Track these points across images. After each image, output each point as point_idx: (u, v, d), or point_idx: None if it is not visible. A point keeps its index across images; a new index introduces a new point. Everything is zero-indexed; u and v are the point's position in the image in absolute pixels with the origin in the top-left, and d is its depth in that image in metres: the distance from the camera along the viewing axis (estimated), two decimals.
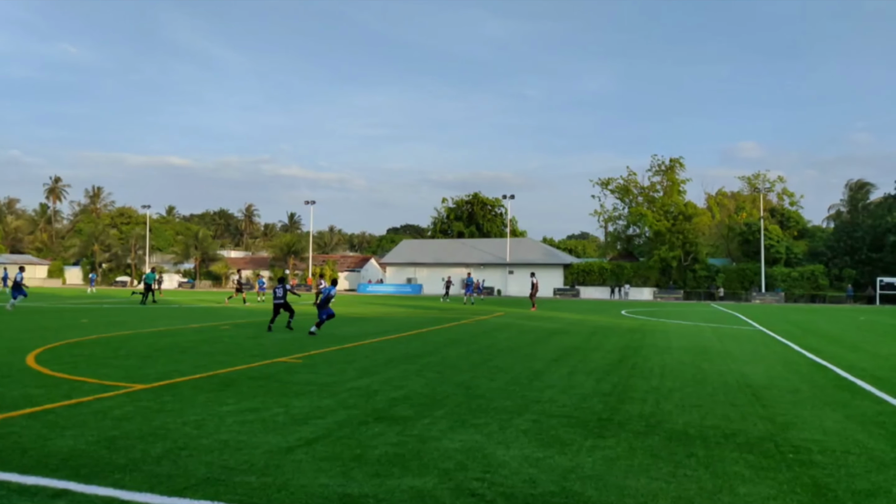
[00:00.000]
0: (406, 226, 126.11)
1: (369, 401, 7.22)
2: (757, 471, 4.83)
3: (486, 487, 4.31)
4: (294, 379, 8.63)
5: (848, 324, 24.20)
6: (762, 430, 6.15)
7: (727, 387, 8.69)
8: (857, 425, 6.44)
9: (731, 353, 12.81)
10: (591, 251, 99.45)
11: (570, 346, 13.58)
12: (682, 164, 66.55)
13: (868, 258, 61.27)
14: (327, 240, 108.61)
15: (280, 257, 77.71)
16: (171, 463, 4.73)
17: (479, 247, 73.30)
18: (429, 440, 5.52)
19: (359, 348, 12.57)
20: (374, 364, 10.30)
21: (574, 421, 6.40)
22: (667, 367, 10.63)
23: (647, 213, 64.89)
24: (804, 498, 4.24)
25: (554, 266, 67.04)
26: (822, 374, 10.10)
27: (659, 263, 62.31)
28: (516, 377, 9.19)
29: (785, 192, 74.11)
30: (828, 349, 13.95)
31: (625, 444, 5.52)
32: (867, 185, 76.58)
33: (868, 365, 11.26)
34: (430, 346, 13.15)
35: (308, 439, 5.46)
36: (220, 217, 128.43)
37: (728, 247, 70.22)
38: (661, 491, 4.33)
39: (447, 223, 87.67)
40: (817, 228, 75.73)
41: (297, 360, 10.64)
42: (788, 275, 60.37)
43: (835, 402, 7.74)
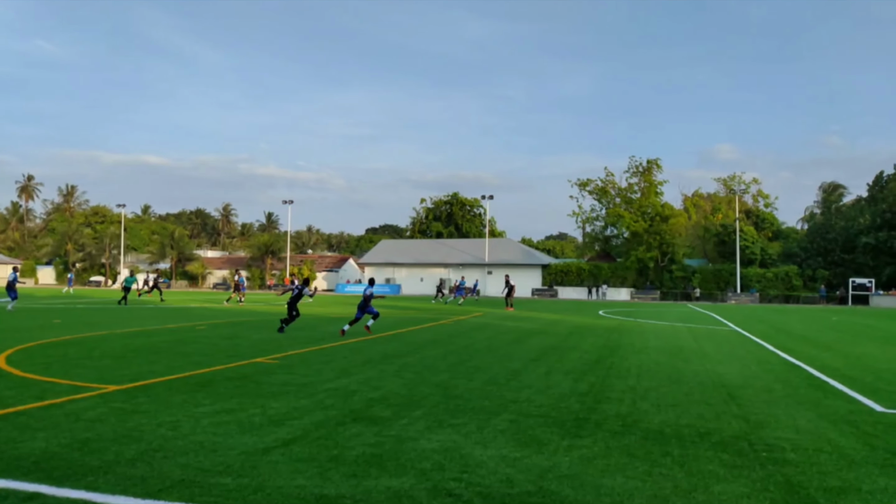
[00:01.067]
0: (385, 226, 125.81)
1: (347, 401, 7.19)
2: (731, 469, 4.89)
3: (463, 487, 4.31)
4: (271, 380, 8.55)
5: (821, 324, 24.66)
6: (736, 429, 6.24)
7: (702, 386, 8.80)
8: (828, 424, 6.56)
9: (706, 353, 12.97)
10: (570, 252, 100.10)
11: (547, 347, 13.65)
12: (660, 166, 67.29)
13: (840, 259, 62.54)
14: (305, 240, 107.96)
15: (258, 257, 76.98)
16: (146, 465, 4.65)
17: (458, 247, 73.39)
18: (406, 440, 5.50)
19: (337, 349, 12.50)
20: (351, 364, 10.25)
21: (551, 421, 6.43)
22: (643, 366, 10.73)
23: (625, 214, 65.51)
24: (777, 495, 4.31)
25: (532, 266, 67.37)
26: (795, 374, 10.28)
27: (636, 264, 62.94)
28: (494, 377, 9.21)
29: (760, 193, 75.38)
30: (801, 349, 14.20)
31: (601, 444, 5.55)
32: (840, 187, 78.32)
33: (840, 365, 11.48)
34: (409, 347, 13.12)
35: (285, 440, 5.42)
36: (196, 216, 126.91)
37: (704, 248, 71.19)
38: (636, 490, 4.36)
39: (426, 223, 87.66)
40: (791, 230, 77.13)
41: (273, 360, 10.55)
42: (763, 275, 61.37)
43: (807, 401, 7.88)
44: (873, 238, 60.33)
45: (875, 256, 60.31)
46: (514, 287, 33.36)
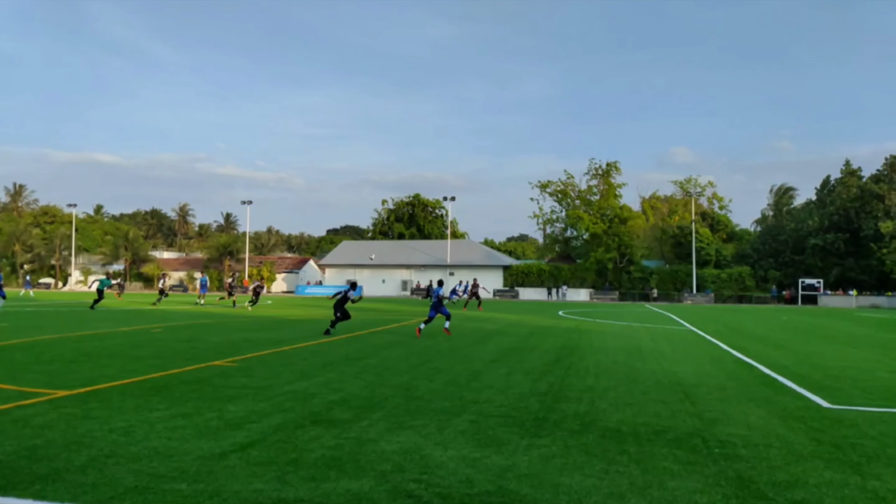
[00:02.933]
0: (346, 227, 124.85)
1: (306, 404, 7.11)
2: (685, 465, 5.01)
3: (422, 489, 4.31)
4: (229, 383, 8.39)
5: (772, 323, 25.47)
6: (691, 427, 6.39)
7: (659, 385, 8.99)
8: (778, 420, 6.78)
9: (663, 353, 13.26)
10: (531, 253, 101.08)
11: (508, 347, 13.76)
12: (619, 169, 68.60)
13: (791, 260, 64.73)
14: (265, 241, 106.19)
15: (216, 258, 75.58)
16: (97, 472, 4.52)
17: (420, 248, 73.36)
18: (366, 442, 5.48)
19: (296, 351, 12.36)
20: (311, 367, 10.14)
21: (511, 421, 6.48)
22: (602, 366, 10.91)
23: (584, 216, 66.52)
24: (728, 490, 4.44)
25: (494, 268, 67.81)
26: (747, 372, 10.58)
27: (595, 265, 63.98)
28: (455, 378, 9.24)
29: (715, 196, 77.46)
30: (753, 348, 14.64)
31: (560, 443, 5.63)
32: (790, 189, 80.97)
33: (790, 362, 11.87)
34: (370, 349, 13.06)
35: (242, 444, 5.33)
36: (152, 217, 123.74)
37: (661, 249, 72.78)
38: (593, 487, 4.43)
39: (388, 224, 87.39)
40: (745, 232, 79.42)
41: (232, 363, 10.37)
42: (718, 276, 63.07)
43: (759, 398, 8.12)
44: (821, 240, 62.63)
45: (823, 258, 62.62)
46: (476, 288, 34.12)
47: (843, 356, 13.24)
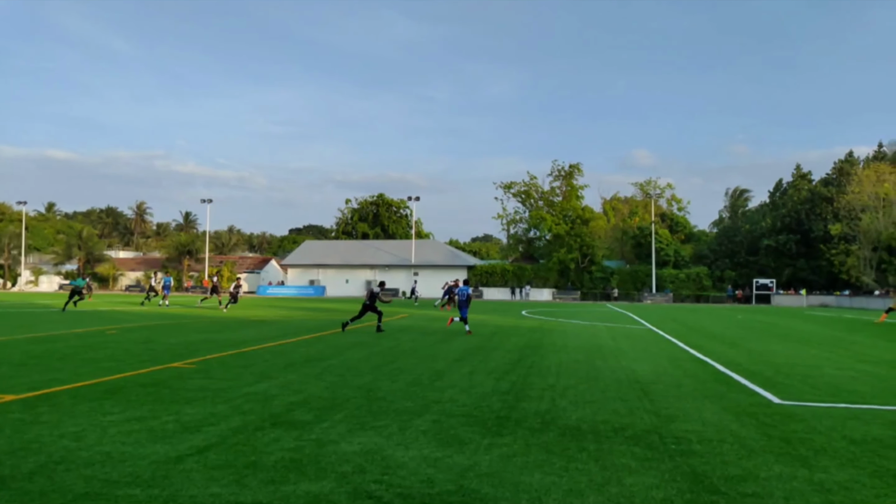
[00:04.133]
0: (309, 226, 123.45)
1: (266, 406, 7.01)
2: (642, 462, 5.11)
3: (383, 489, 4.29)
4: (186, 385, 8.22)
5: (727, 322, 26.16)
6: (648, 424, 6.52)
7: (618, 383, 9.14)
8: (731, 416, 6.97)
9: (623, 351, 13.49)
10: (495, 253, 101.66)
11: (471, 347, 13.81)
12: (581, 170, 69.52)
13: (746, 261, 66.59)
14: (225, 240, 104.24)
15: (174, 258, 73.92)
16: (46, 478, 4.37)
17: (384, 248, 73.08)
18: (327, 444, 5.43)
19: (257, 352, 12.18)
20: (272, 368, 10.01)
21: (473, 420, 6.51)
22: (563, 365, 11.04)
23: (547, 217, 67.22)
24: (683, 485, 4.54)
25: (458, 267, 67.95)
26: (703, 369, 10.84)
27: (558, 265, 64.71)
28: (418, 378, 9.23)
29: (674, 198, 79.05)
30: (709, 346, 15.01)
31: (521, 442, 5.67)
32: (746, 192, 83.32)
33: (743, 360, 12.21)
34: (332, 349, 12.95)
35: (199, 447, 5.22)
36: (107, 215, 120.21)
37: (622, 250, 74.07)
38: (553, 485, 4.49)
39: (351, 224, 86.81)
40: (702, 233, 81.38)
41: (190, 365, 10.16)
42: (676, 276, 64.49)
43: (713, 394, 8.33)
44: (774, 241, 64.64)
45: (776, 258, 64.64)
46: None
47: (794, 353, 13.68)
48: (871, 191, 57.78)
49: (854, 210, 58.91)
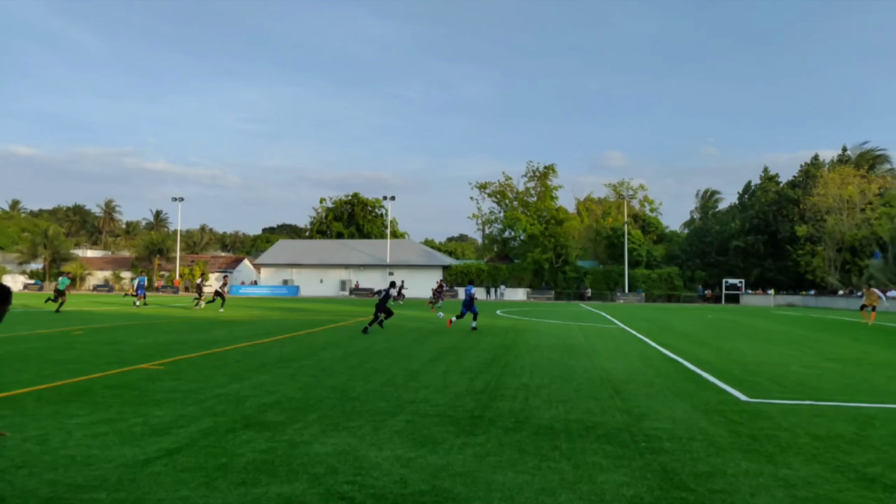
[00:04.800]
0: (283, 225, 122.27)
1: (238, 407, 6.93)
2: (614, 460, 5.17)
3: (356, 490, 4.27)
4: (156, 387, 8.08)
5: (698, 321, 26.58)
6: (620, 422, 6.59)
7: (591, 382, 9.23)
8: (701, 414, 7.08)
9: (595, 350, 13.62)
10: (470, 253, 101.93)
11: (446, 347, 13.81)
12: (555, 171, 70.07)
13: (716, 261, 67.79)
14: (197, 239, 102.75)
15: (144, 257, 72.61)
16: (7, 484, 4.26)
17: (359, 248, 72.75)
18: (300, 445, 5.38)
19: (229, 353, 12.03)
20: (244, 369, 9.89)
21: (447, 420, 6.51)
22: (536, 364, 11.11)
23: (522, 217, 67.62)
24: (653, 482, 4.60)
25: (433, 267, 67.95)
26: (673, 368, 11.00)
27: (532, 265, 65.13)
28: (392, 378, 9.21)
29: (646, 199, 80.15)
30: (679, 345, 15.23)
31: (494, 441, 5.69)
32: (716, 193, 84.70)
33: (713, 359, 12.42)
34: (306, 350, 12.84)
35: (168, 450, 5.14)
36: (75, 213, 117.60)
37: (595, 250, 74.80)
38: (526, 484, 4.51)
39: (326, 223, 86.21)
40: (674, 233, 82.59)
41: (159, 366, 9.99)
42: (648, 276, 65.35)
43: (683, 393, 8.46)
44: (743, 241, 65.91)
45: (744, 258, 65.92)
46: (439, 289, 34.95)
47: (761, 352, 13.96)
48: (836, 193, 59.27)
49: (819, 212, 60.37)
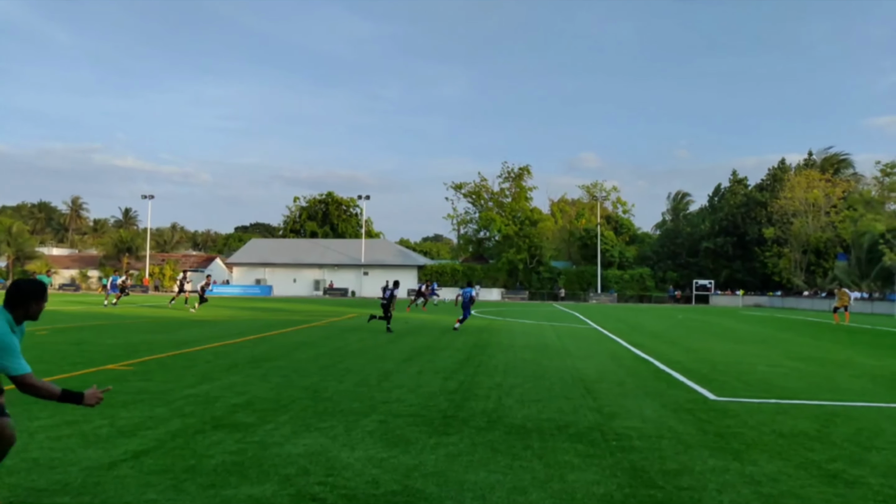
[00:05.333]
0: (255, 224, 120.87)
1: (208, 408, 6.83)
2: (584, 458, 5.22)
3: (327, 491, 4.24)
4: (123, 388, 7.92)
5: (668, 321, 26.99)
6: (591, 421, 6.66)
7: (563, 382, 9.31)
8: (670, 412, 7.19)
9: (568, 350, 13.74)
10: (445, 253, 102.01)
11: (420, 347, 13.81)
12: (530, 172, 70.52)
13: (687, 262, 68.90)
14: (168, 237, 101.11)
15: (112, 255, 71.22)
16: None
17: (334, 247, 72.33)
18: (271, 446, 5.33)
19: (200, 353, 11.86)
20: (215, 369, 9.76)
21: (420, 420, 6.51)
22: (510, 364, 11.17)
23: (497, 218, 67.92)
24: (623, 480, 4.66)
25: (408, 267, 67.88)
26: (644, 368, 11.15)
27: (507, 265, 65.49)
28: (365, 378, 9.17)
29: (619, 200, 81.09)
30: (650, 344, 15.45)
31: (467, 440, 5.71)
32: (687, 195, 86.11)
33: (682, 358, 12.62)
34: (278, 350, 12.73)
35: (135, 452, 5.04)
36: (40, 210, 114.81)
37: (569, 251, 75.49)
38: (497, 483, 4.53)
39: (300, 222, 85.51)
40: (646, 235, 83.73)
41: (127, 367, 9.81)
42: (621, 277, 66.17)
43: (654, 392, 8.58)
44: (712, 243, 67.12)
45: (714, 260, 67.14)
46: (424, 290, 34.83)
47: (729, 351, 14.23)
48: (802, 197, 60.70)
49: (786, 214, 61.77)
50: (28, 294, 3.66)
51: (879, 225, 48.30)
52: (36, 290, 3.69)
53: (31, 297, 3.66)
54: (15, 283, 3.74)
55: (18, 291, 3.65)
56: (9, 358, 3.47)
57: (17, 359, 3.49)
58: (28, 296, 3.65)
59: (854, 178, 65.82)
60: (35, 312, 3.72)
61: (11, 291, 3.66)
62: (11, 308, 3.63)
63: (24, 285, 3.69)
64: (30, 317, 3.69)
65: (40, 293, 3.71)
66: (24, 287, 3.68)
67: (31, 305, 3.67)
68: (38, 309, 3.73)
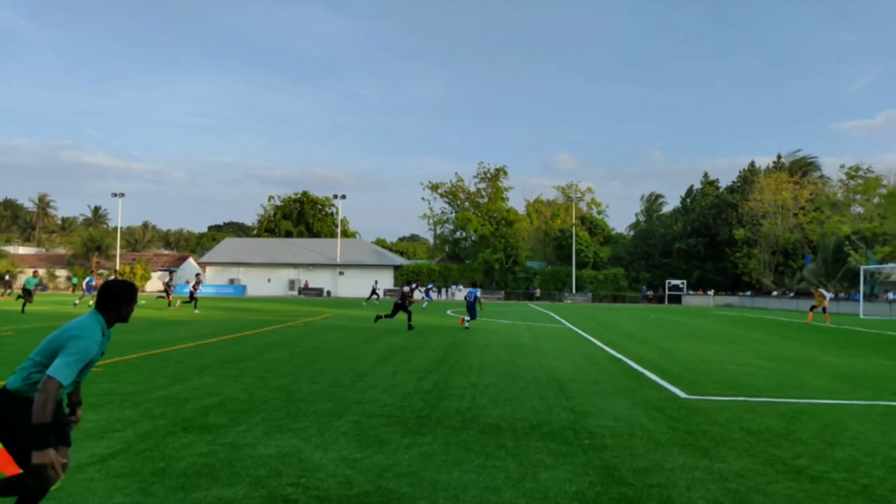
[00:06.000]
0: (229, 223, 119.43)
1: (179, 409, 6.74)
2: (557, 457, 5.26)
3: (300, 492, 4.22)
4: (91, 390, 7.76)
5: (641, 321, 27.32)
6: (564, 420, 6.72)
7: (537, 381, 9.37)
8: (642, 411, 7.28)
9: (542, 350, 13.83)
10: (422, 253, 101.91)
11: (395, 347, 13.78)
12: (506, 173, 70.81)
13: (660, 262, 69.84)
14: (139, 236, 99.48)
15: (81, 254, 69.79)
16: None
17: (309, 247, 71.81)
18: (243, 448, 5.28)
19: (171, 353, 11.68)
20: (186, 370, 9.63)
21: (394, 420, 6.50)
22: (485, 363, 11.20)
23: (473, 218, 68.09)
24: (594, 478, 4.71)
25: (385, 267, 67.70)
26: (617, 367, 11.28)
27: (483, 265, 65.69)
28: (339, 379, 9.13)
29: (593, 201, 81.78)
30: (623, 344, 15.63)
31: (441, 440, 5.72)
32: (660, 197, 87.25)
33: (654, 357, 12.78)
34: (251, 350, 12.60)
35: (102, 455, 4.96)
36: (5, 207, 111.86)
37: (544, 251, 76.00)
38: (471, 482, 4.55)
39: (274, 222, 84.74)
40: (620, 235, 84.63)
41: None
42: (595, 277, 66.81)
43: (626, 390, 8.68)
44: (685, 244, 68.15)
45: (686, 260, 68.16)
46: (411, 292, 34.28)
47: (700, 350, 14.46)
48: (771, 198, 61.93)
49: (756, 216, 62.95)
50: (119, 296, 3.49)
51: (845, 227, 49.49)
52: (127, 292, 3.53)
53: (122, 300, 3.50)
54: (106, 283, 3.57)
55: (109, 293, 3.49)
56: (70, 364, 3.24)
57: (74, 370, 3.25)
58: (119, 297, 3.49)
59: (821, 181, 67.33)
60: (126, 315, 3.56)
61: (102, 293, 3.50)
62: (104, 310, 3.48)
63: (115, 286, 3.53)
64: (121, 319, 3.54)
65: (131, 295, 3.55)
66: (115, 288, 3.52)
67: (122, 308, 3.51)
68: (128, 311, 3.57)
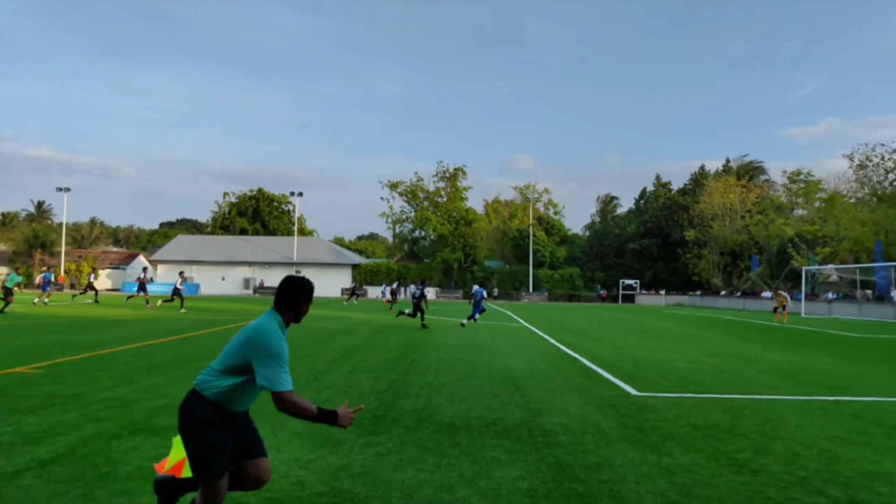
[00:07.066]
0: (182, 220, 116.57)
1: (125, 412, 6.54)
2: (511, 455, 5.31)
3: (250, 495, 4.15)
4: (31, 392, 7.48)
5: (595, 320, 27.81)
6: (519, 418, 6.79)
7: (493, 379, 9.44)
8: (594, 408, 7.42)
9: (499, 349, 13.94)
10: (380, 252, 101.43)
11: (352, 346, 13.69)
12: (465, 173, 71.13)
13: (614, 262, 71.24)
14: (86, 233, 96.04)
15: (23, 251, 67.02)
16: None
17: (265, 245, 70.66)
18: None
19: (118, 354, 11.33)
20: (134, 371, 9.35)
21: None
22: (442, 362, 11.23)
23: (432, 217, 68.14)
24: (547, 475, 4.78)
25: (342, 266, 67.14)
26: (571, 365, 11.45)
27: (442, 265, 65.82)
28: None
29: (550, 202, 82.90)
30: (578, 342, 15.88)
31: (396, 440, 5.71)
32: (615, 198, 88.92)
33: (608, 355, 13.03)
34: (203, 350, 12.32)
35: (42, 460, 4.77)
36: None
37: (502, 250, 76.64)
38: (425, 481, 4.55)
39: (229, 219, 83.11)
40: (576, 236, 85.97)
41: (36, 370, 9.25)
42: (552, 276, 67.69)
43: (579, 388, 8.83)
44: (638, 244, 69.68)
45: (640, 260, 69.70)
46: (397, 292, 34.41)
47: (651, 348, 14.81)
48: (720, 201, 63.84)
49: (706, 218, 64.80)
50: (301, 293, 3.24)
51: (789, 229, 51.42)
52: (308, 289, 3.28)
53: (303, 297, 3.25)
54: (288, 279, 3.27)
55: (292, 289, 3.22)
56: (278, 371, 3.02)
57: (286, 373, 3.05)
58: (301, 295, 3.24)
59: (767, 185, 69.72)
60: (303, 314, 3.32)
61: (284, 289, 3.23)
62: (283, 309, 3.22)
63: (297, 282, 3.26)
64: (297, 319, 3.29)
65: (311, 293, 3.30)
66: (297, 284, 3.25)
67: (302, 306, 3.27)
68: (306, 311, 3.33)
